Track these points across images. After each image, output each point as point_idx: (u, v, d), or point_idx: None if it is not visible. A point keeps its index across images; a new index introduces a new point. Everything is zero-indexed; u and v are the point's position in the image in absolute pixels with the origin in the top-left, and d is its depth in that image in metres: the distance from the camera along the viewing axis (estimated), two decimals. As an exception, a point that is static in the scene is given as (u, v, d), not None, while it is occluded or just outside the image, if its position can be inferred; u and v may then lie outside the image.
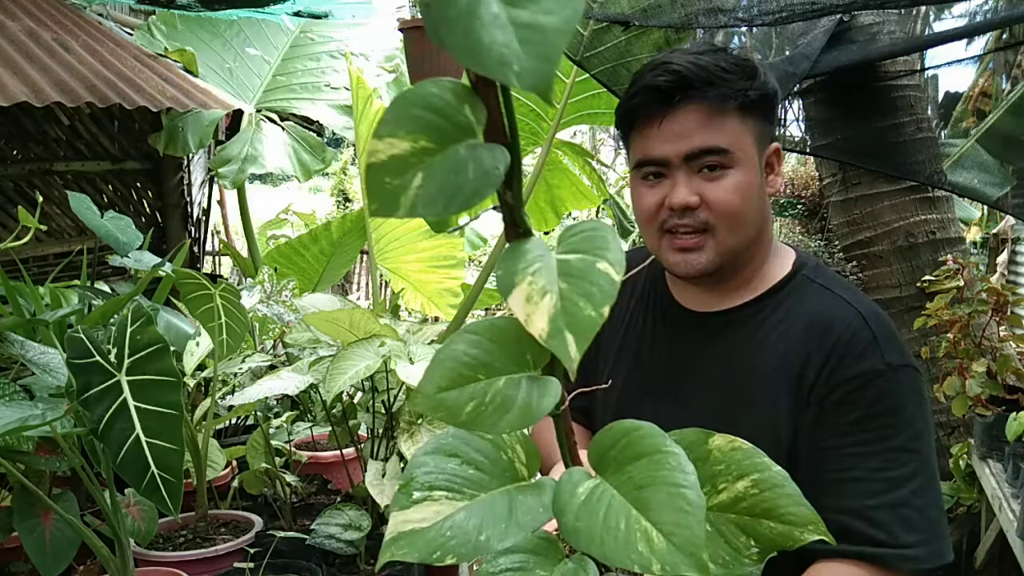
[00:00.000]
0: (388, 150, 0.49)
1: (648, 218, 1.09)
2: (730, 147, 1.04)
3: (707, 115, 1.03)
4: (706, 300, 1.15)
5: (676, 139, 1.04)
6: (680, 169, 1.05)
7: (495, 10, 0.42)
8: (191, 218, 4.00)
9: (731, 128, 1.04)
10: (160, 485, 1.69)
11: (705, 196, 1.04)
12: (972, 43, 2.76)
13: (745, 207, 1.05)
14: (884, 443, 0.99)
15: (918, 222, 2.72)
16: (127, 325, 1.80)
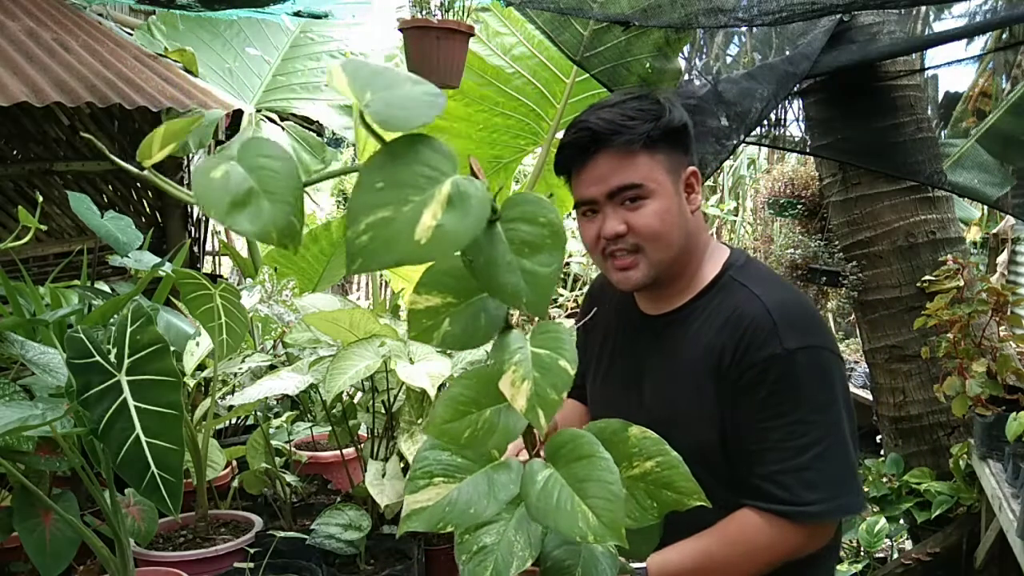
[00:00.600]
0: (425, 303, 0.76)
1: (592, 246, 1.32)
2: (643, 181, 1.25)
3: (618, 158, 1.25)
4: (655, 305, 1.38)
5: (597, 182, 1.27)
6: (607, 205, 1.28)
7: (509, 258, 0.68)
8: (191, 218, 4.00)
9: (641, 165, 1.25)
10: (160, 485, 1.69)
11: (630, 223, 1.26)
12: (972, 43, 2.75)
13: (665, 228, 1.27)
14: (786, 417, 1.19)
15: (918, 222, 2.72)
16: (127, 325, 1.80)
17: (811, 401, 1.19)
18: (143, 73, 3.14)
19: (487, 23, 3.32)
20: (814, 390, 1.20)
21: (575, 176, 1.31)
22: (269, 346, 3.41)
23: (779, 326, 1.21)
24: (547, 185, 3.88)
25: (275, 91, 4.05)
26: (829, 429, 1.20)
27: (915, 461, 2.78)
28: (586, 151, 1.27)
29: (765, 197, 4.16)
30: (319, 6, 3.81)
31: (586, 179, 1.28)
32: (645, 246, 1.26)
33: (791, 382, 1.19)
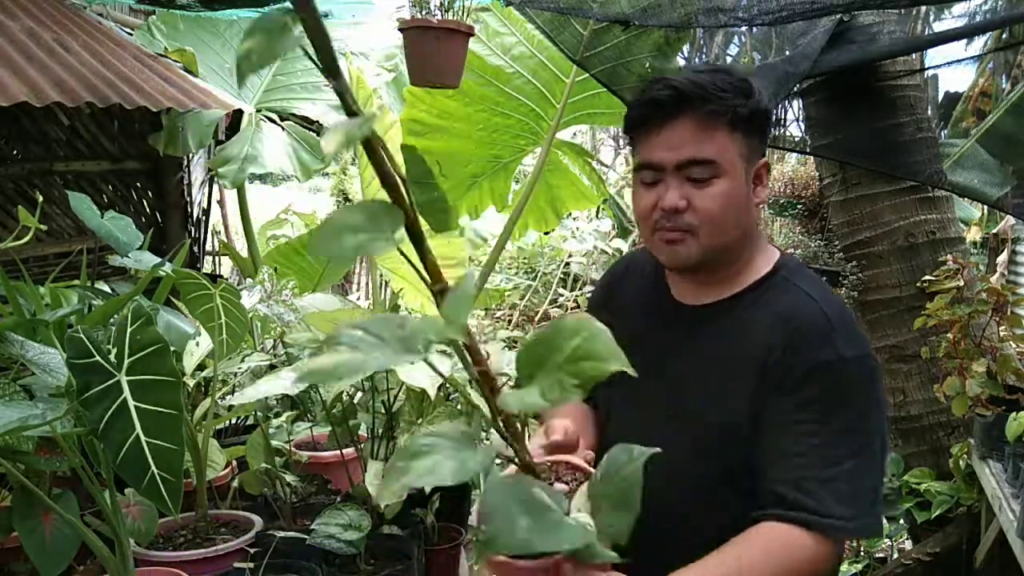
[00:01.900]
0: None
1: (643, 216, 1.23)
2: (717, 158, 1.16)
3: (698, 128, 1.16)
4: (694, 294, 1.28)
5: (670, 148, 1.17)
6: (673, 175, 1.18)
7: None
8: (191, 218, 4.00)
9: (720, 141, 1.16)
10: (160, 485, 1.70)
11: (692, 201, 1.17)
12: (972, 43, 2.75)
13: (724, 214, 1.18)
14: (828, 425, 1.11)
15: (918, 222, 2.72)
16: (127, 325, 1.80)
17: (855, 412, 1.13)
18: (143, 73, 3.14)
19: (487, 23, 3.32)
20: (860, 401, 1.13)
21: (644, 137, 1.20)
22: (269, 346, 3.41)
23: (837, 332, 1.15)
24: (547, 185, 3.88)
25: (275, 91, 4.05)
26: (865, 444, 1.12)
27: (915, 461, 2.78)
28: (666, 111, 1.16)
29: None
30: (319, 6, 3.81)
31: (658, 142, 1.18)
32: (700, 228, 1.18)
33: (841, 391, 1.12)
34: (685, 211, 1.17)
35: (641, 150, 1.21)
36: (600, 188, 3.97)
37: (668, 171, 1.18)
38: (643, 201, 1.22)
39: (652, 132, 1.18)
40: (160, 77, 3.20)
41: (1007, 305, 2.50)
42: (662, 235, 1.20)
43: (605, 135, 10.02)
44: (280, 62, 4.17)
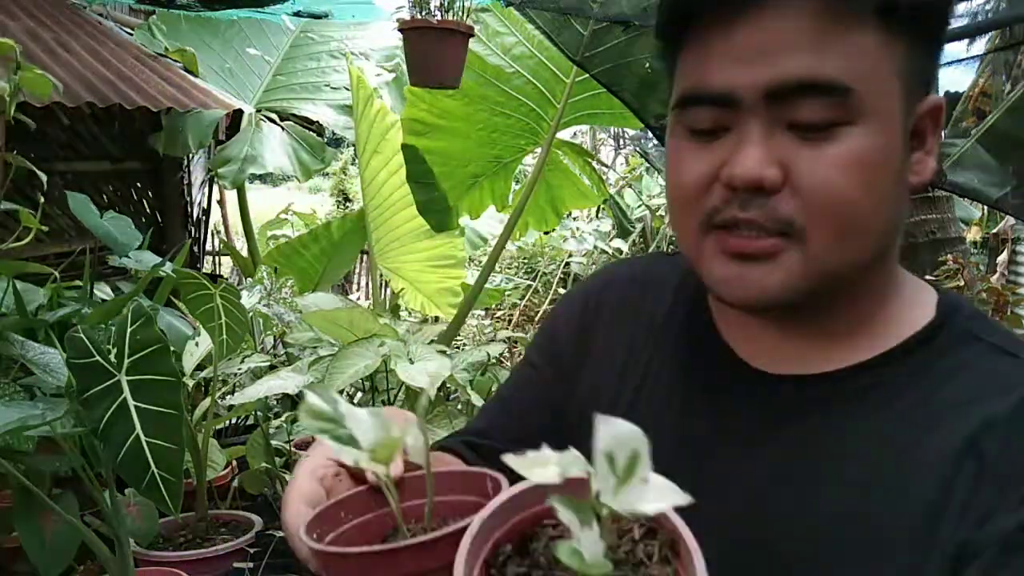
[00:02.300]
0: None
1: (689, 199, 0.63)
2: (854, 83, 0.57)
3: (818, 19, 0.57)
4: (786, 354, 0.67)
5: (756, 59, 0.57)
6: (758, 116, 0.59)
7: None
8: (191, 218, 4.00)
9: (859, 49, 0.57)
10: (160, 485, 1.70)
11: (794, 171, 0.58)
12: (973, 43, 2.75)
13: (865, 199, 0.59)
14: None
15: (918, 222, 2.72)
16: (127, 325, 1.80)
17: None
18: (143, 73, 3.14)
19: (487, 23, 3.32)
20: None
21: (702, 43, 0.60)
22: (269, 346, 3.41)
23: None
24: (547, 185, 3.88)
25: (275, 91, 4.06)
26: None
27: (915, 461, 2.78)
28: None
29: (765, 197, 4.16)
30: (319, 6, 3.82)
31: (727, 49, 0.59)
32: (810, 226, 0.59)
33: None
34: (779, 189, 0.58)
35: (693, 66, 0.62)
36: (600, 188, 3.97)
37: (747, 107, 0.58)
38: (690, 170, 0.62)
39: (716, 31, 0.59)
40: (160, 77, 3.20)
41: (1007, 305, 2.51)
42: (725, 240, 0.61)
43: (605, 135, 10.03)
44: (280, 62, 4.18)
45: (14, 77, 1.84)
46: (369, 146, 3.90)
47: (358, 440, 0.49)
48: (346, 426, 0.49)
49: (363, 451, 0.49)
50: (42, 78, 1.89)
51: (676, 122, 0.64)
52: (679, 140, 0.64)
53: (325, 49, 4.26)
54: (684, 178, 0.63)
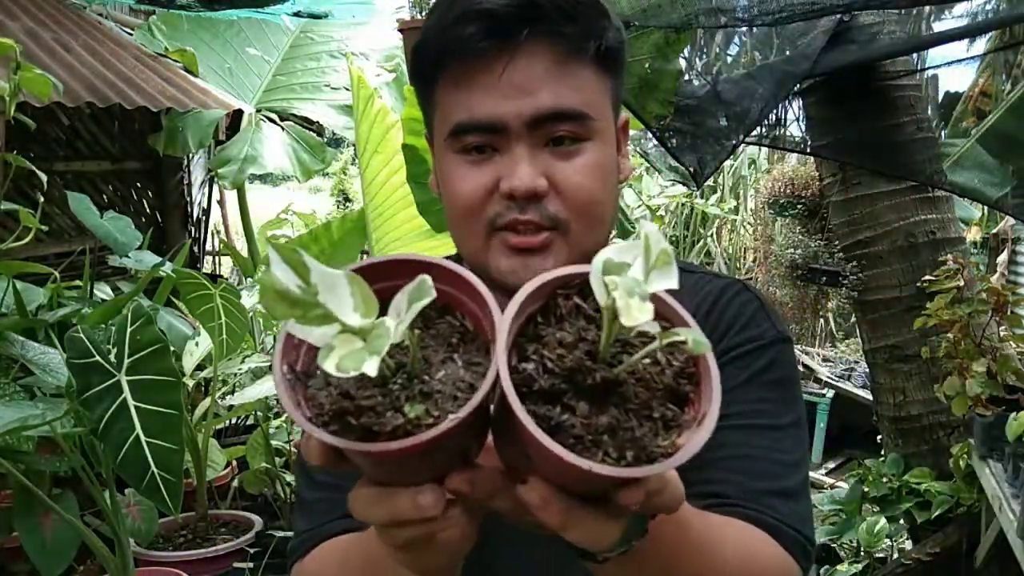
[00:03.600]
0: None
1: (471, 210, 0.77)
2: (589, 111, 0.76)
3: (558, 62, 0.74)
4: None
5: (518, 94, 0.73)
6: (522, 140, 0.75)
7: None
8: (191, 218, 4.00)
9: (587, 84, 0.76)
10: (160, 485, 1.70)
11: (555, 180, 0.75)
12: (973, 43, 2.75)
13: (604, 195, 0.79)
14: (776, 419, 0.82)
15: (918, 222, 2.71)
16: (127, 325, 1.80)
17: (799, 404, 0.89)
18: (143, 73, 3.14)
19: (487, 23, 3.31)
20: (800, 394, 0.89)
21: (465, 75, 0.75)
22: (269, 346, 3.41)
23: (765, 307, 0.87)
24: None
25: (275, 91, 4.05)
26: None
27: (915, 461, 2.78)
28: (510, 34, 0.72)
29: (765, 197, 4.16)
30: (319, 6, 3.82)
31: (492, 86, 0.73)
32: (572, 219, 0.76)
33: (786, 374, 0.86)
34: (546, 195, 0.75)
35: (458, 99, 0.76)
36: (600, 188, 3.96)
37: (515, 133, 0.74)
38: (469, 185, 0.77)
39: (487, 69, 0.74)
40: (160, 77, 3.20)
41: (1007, 305, 2.50)
42: (507, 239, 0.77)
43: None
44: (280, 62, 4.18)
45: (14, 77, 1.84)
46: (369, 146, 3.89)
47: (338, 317, 0.42)
48: (318, 304, 0.42)
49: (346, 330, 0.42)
50: (42, 78, 1.89)
51: (449, 147, 0.78)
52: (455, 162, 0.78)
53: (325, 49, 4.26)
54: (466, 191, 0.77)
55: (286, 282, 0.42)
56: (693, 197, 6.39)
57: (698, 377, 0.47)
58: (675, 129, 2.60)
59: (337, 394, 0.44)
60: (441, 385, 0.45)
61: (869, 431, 3.36)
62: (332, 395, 0.44)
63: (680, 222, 6.72)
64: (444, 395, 0.45)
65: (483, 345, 0.48)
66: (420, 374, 0.45)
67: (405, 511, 0.49)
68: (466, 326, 0.49)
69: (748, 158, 6.87)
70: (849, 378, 4.99)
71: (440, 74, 0.77)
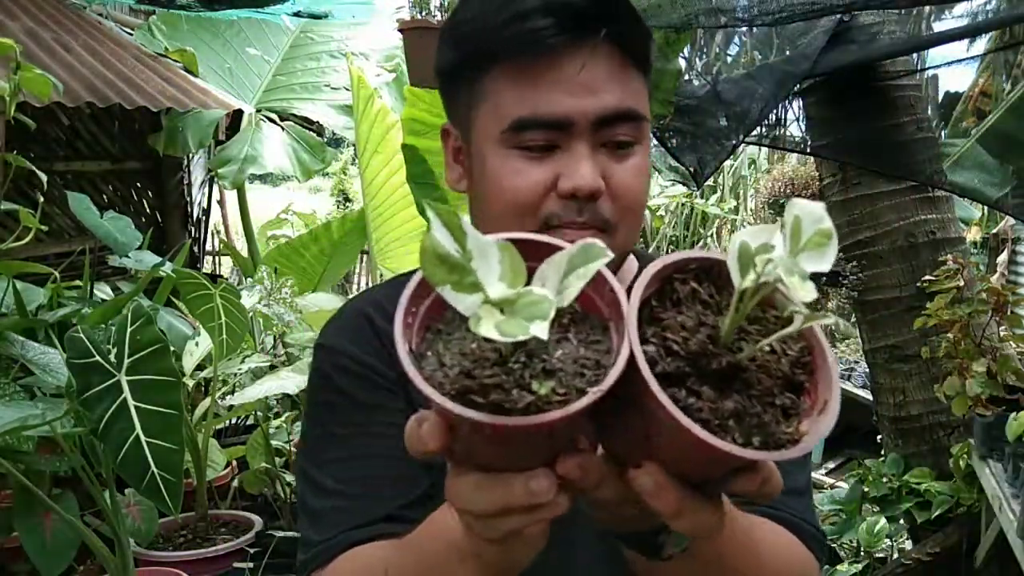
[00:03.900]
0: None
1: (526, 207, 0.75)
2: (644, 113, 0.77)
3: (623, 64, 0.75)
4: None
5: (586, 93, 0.73)
6: (584, 138, 0.74)
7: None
8: (191, 218, 4.00)
9: (640, 88, 0.78)
10: (160, 485, 1.70)
11: (611, 181, 0.75)
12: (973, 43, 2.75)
13: (646, 197, 0.81)
14: None
15: (918, 222, 2.71)
16: (127, 325, 1.80)
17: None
18: (143, 73, 3.14)
19: (487, 23, 3.31)
20: None
21: (528, 74, 0.73)
22: (269, 346, 3.41)
23: None
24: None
25: (275, 91, 4.05)
26: None
27: (915, 461, 2.78)
28: (582, 32, 0.72)
29: (765, 197, 4.16)
30: (319, 6, 3.82)
31: (561, 82, 0.73)
32: (619, 221, 0.77)
33: None
34: (601, 196, 0.75)
35: (510, 97, 0.74)
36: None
37: (578, 131, 0.74)
38: (523, 181, 0.75)
39: (545, 65, 0.72)
40: (160, 77, 3.20)
41: (1007, 305, 2.50)
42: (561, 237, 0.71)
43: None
44: (280, 62, 4.18)
45: (14, 77, 1.84)
46: (369, 146, 3.89)
47: (484, 287, 0.42)
48: (471, 270, 0.42)
49: (489, 302, 0.41)
50: (42, 78, 1.89)
51: (504, 142, 0.75)
52: (509, 157, 0.76)
53: (325, 49, 4.26)
54: (523, 187, 0.75)
55: (447, 246, 0.42)
56: (693, 197, 6.39)
57: (813, 366, 0.47)
58: (675, 129, 2.60)
59: (457, 373, 0.43)
60: (562, 363, 0.44)
61: (869, 431, 3.36)
62: (451, 375, 0.43)
63: (680, 222, 6.72)
64: (568, 373, 0.44)
65: (598, 324, 0.48)
66: (539, 353, 0.44)
67: (518, 496, 0.47)
68: (574, 307, 0.48)
69: (748, 158, 6.87)
70: (849, 378, 4.98)
71: (493, 66, 0.75)
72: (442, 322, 0.46)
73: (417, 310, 0.46)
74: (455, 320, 0.46)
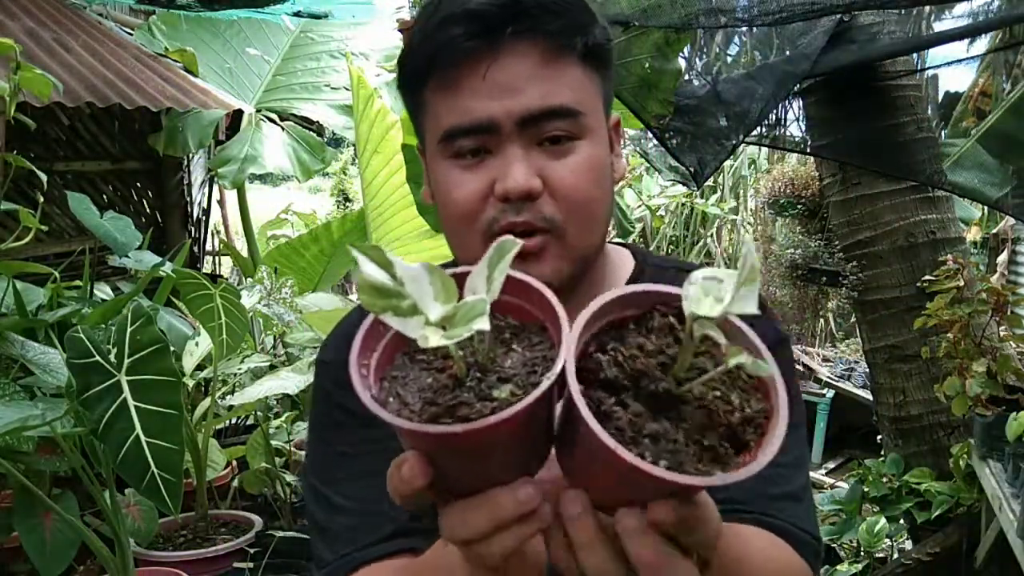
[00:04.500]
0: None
1: (467, 216, 0.76)
2: (579, 107, 0.75)
3: (545, 59, 0.74)
4: None
5: (505, 94, 0.73)
6: (513, 140, 0.74)
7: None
8: (191, 218, 4.00)
9: (575, 81, 0.76)
10: (160, 485, 1.70)
11: (549, 179, 0.74)
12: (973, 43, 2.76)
13: (599, 194, 0.77)
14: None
15: (918, 222, 2.71)
16: (127, 325, 1.80)
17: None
18: (143, 73, 3.14)
19: (487, 23, 3.31)
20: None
21: (451, 79, 0.74)
22: (269, 346, 3.41)
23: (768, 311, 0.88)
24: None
25: (275, 91, 4.05)
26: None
27: (915, 461, 2.78)
28: (494, 33, 0.72)
29: (765, 197, 4.16)
30: (319, 6, 3.82)
31: (479, 87, 0.73)
32: (566, 221, 0.75)
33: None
34: (540, 196, 0.74)
35: (447, 103, 0.75)
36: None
37: (506, 133, 0.73)
38: (466, 190, 0.75)
39: (472, 70, 0.73)
40: (160, 77, 3.20)
41: (1007, 305, 2.50)
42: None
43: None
44: (280, 62, 4.18)
45: (14, 77, 1.84)
46: (369, 146, 3.89)
47: (423, 309, 0.44)
48: (407, 295, 0.44)
49: (431, 323, 0.44)
50: (42, 78, 1.89)
51: (441, 153, 0.77)
52: (447, 168, 0.77)
53: (325, 49, 4.26)
54: (461, 197, 0.76)
55: (379, 277, 0.45)
56: (693, 197, 6.39)
57: (763, 430, 0.47)
58: (675, 129, 2.60)
59: (423, 405, 0.45)
60: (514, 370, 0.46)
61: (869, 431, 3.36)
62: (416, 409, 0.45)
63: (680, 222, 6.72)
64: (521, 374, 0.46)
65: (535, 327, 0.50)
66: (491, 367, 0.47)
67: (507, 508, 0.48)
68: (510, 321, 0.50)
69: (748, 158, 6.87)
70: (849, 378, 4.98)
71: (428, 79, 0.76)
72: (393, 370, 0.48)
73: (368, 363, 0.48)
74: (405, 364, 0.48)
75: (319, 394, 0.88)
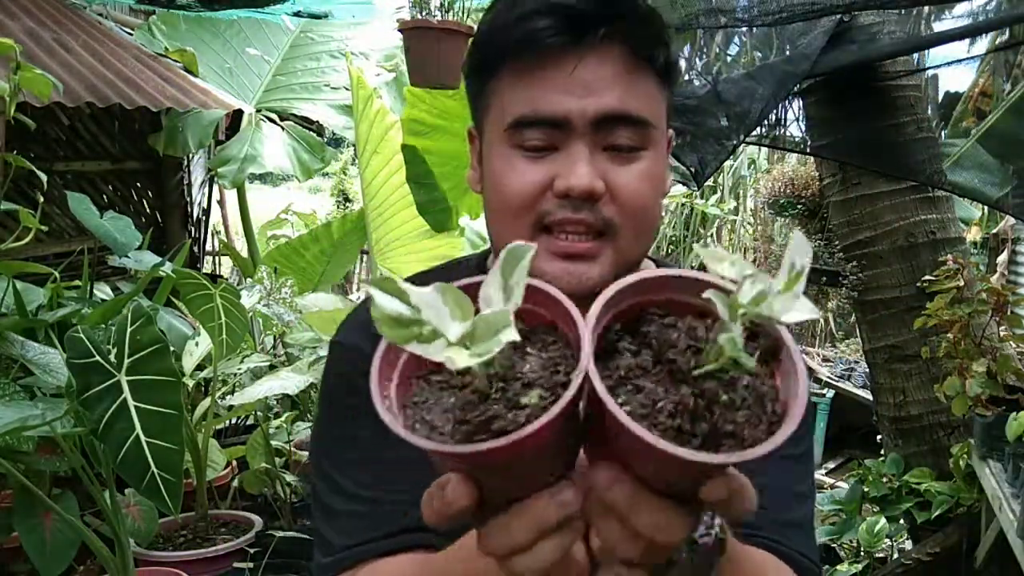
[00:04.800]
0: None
1: (523, 205, 0.75)
2: (650, 118, 0.75)
3: (628, 66, 0.74)
4: None
5: (585, 92, 0.72)
6: (583, 138, 0.73)
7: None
8: (191, 218, 4.00)
9: (650, 92, 0.76)
10: (160, 485, 1.70)
11: (612, 184, 0.74)
12: (974, 43, 2.76)
13: (655, 204, 0.78)
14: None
15: (918, 222, 2.71)
16: (127, 325, 1.80)
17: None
18: (143, 73, 3.14)
19: (487, 23, 3.31)
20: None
21: (531, 69, 0.73)
22: (269, 346, 3.41)
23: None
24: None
25: (275, 91, 4.05)
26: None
27: (915, 461, 2.78)
28: (581, 32, 0.72)
29: (765, 197, 4.15)
30: (319, 6, 3.82)
31: (561, 82, 0.72)
32: (623, 226, 0.75)
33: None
34: (601, 198, 0.74)
35: (514, 96, 0.75)
36: (600, 188, 3.96)
37: (577, 131, 0.73)
38: (524, 179, 0.75)
39: (548, 64, 0.73)
40: (160, 77, 3.20)
41: (1007, 305, 2.50)
42: (554, 242, 0.75)
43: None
44: (280, 62, 4.18)
45: (14, 77, 1.84)
46: (369, 146, 3.90)
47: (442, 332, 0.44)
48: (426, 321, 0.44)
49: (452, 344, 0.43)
50: (42, 78, 1.89)
51: (506, 141, 0.76)
52: (510, 156, 0.76)
53: (325, 49, 4.26)
54: (519, 186, 0.75)
55: (396, 308, 0.44)
56: (693, 197, 6.39)
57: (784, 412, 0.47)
58: (675, 129, 2.60)
59: (454, 426, 0.44)
60: (535, 373, 0.46)
61: (869, 431, 3.36)
62: (447, 430, 0.45)
63: (680, 222, 6.71)
64: (545, 376, 0.45)
65: (546, 328, 0.49)
66: (512, 376, 0.46)
67: (549, 512, 0.47)
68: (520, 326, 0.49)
69: (748, 158, 6.87)
70: (849, 378, 4.98)
71: (502, 67, 0.75)
72: (415, 396, 0.47)
73: (388, 394, 0.47)
74: (423, 389, 0.47)
75: (333, 375, 0.87)
